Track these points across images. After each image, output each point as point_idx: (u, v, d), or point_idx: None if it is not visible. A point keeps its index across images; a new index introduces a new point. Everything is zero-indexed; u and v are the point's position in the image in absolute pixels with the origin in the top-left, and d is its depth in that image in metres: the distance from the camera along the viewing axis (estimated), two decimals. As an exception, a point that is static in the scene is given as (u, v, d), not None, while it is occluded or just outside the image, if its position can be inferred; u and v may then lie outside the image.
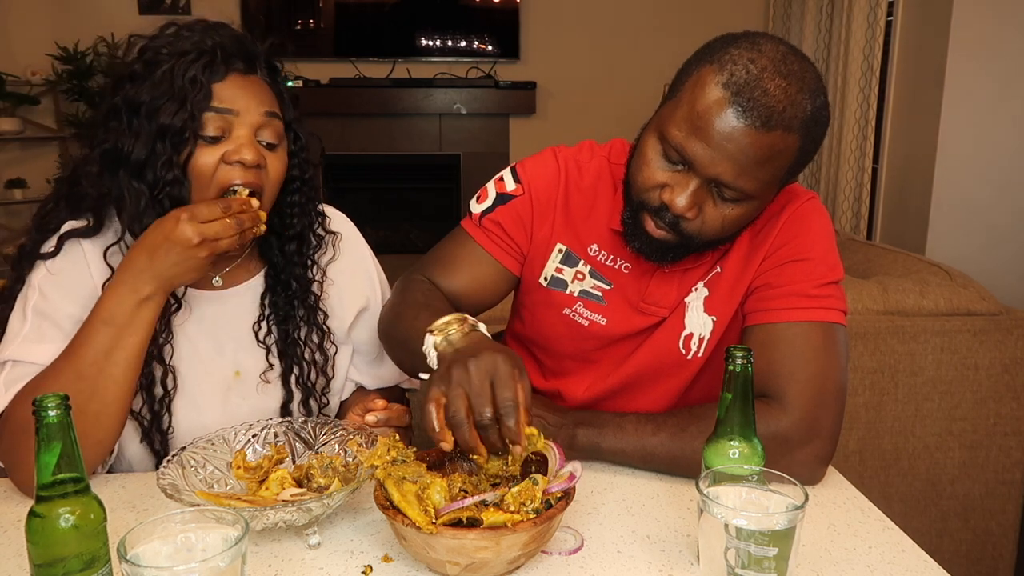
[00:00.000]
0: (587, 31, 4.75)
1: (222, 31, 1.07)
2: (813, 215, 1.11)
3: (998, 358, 1.86)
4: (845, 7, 3.72)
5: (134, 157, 1.02)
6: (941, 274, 1.93)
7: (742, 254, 1.11)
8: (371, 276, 1.28)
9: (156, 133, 1.02)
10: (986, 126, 3.20)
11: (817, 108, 0.96)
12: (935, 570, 0.86)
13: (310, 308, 1.18)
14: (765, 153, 0.94)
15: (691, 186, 0.97)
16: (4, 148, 4.59)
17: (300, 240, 1.17)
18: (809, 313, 1.04)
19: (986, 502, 1.95)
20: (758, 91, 0.92)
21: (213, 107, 1.02)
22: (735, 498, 0.79)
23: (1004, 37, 3.13)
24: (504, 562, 0.81)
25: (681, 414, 1.05)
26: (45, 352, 1.01)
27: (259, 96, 1.06)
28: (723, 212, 0.99)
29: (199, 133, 1.02)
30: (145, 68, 1.04)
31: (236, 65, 1.05)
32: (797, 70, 0.94)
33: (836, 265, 1.09)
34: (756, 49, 0.95)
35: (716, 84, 0.94)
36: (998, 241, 3.26)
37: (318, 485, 0.92)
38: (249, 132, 1.05)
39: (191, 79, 1.01)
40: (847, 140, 3.75)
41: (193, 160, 1.03)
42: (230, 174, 1.03)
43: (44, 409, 0.68)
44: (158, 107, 1.01)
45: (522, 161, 1.20)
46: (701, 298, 1.13)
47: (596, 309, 1.16)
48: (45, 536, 0.70)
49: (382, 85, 4.68)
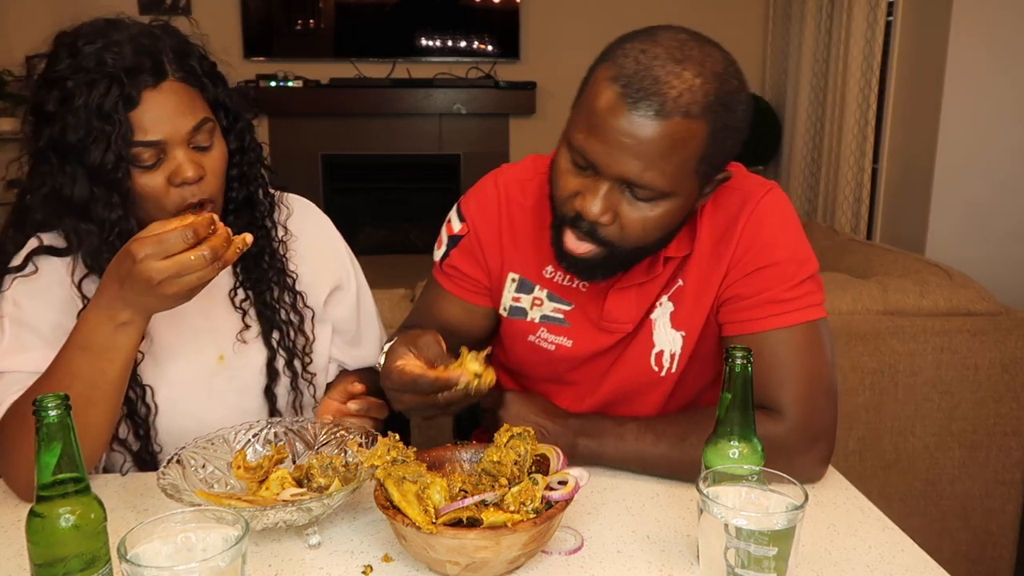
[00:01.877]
0: (587, 31, 4.75)
1: (119, 37, 1.02)
2: (773, 213, 1.06)
3: (998, 358, 1.86)
4: (845, 7, 3.72)
5: (76, 199, 1.02)
6: (941, 274, 1.93)
7: (703, 264, 1.07)
8: (341, 254, 1.29)
9: (90, 175, 1.00)
10: (986, 126, 3.20)
11: (725, 93, 0.91)
12: (935, 570, 0.86)
13: (278, 271, 1.18)
14: (666, 143, 0.89)
15: (601, 190, 0.94)
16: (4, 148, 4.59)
17: (251, 205, 1.17)
18: (786, 318, 1.02)
19: (986, 502, 1.95)
20: (648, 80, 0.88)
21: (139, 141, 1.00)
22: (735, 498, 0.79)
23: (1004, 37, 3.13)
24: (504, 562, 0.81)
25: (681, 422, 1.04)
26: (29, 360, 1.01)
27: (180, 107, 1.03)
28: (642, 214, 0.95)
29: (134, 164, 1.01)
30: (57, 105, 1.00)
31: (146, 82, 1.00)
32: (696, 55, 0.90)
33: (806, 259, 1.05)
34: (651, 40, 0.92)
35: (607, 80, 0.91)
36: (998, 241, 3.26)
37: (318, 485, 0.92)
38: (183, 148, 1.03)
39: (106, 117, 0.98)
40: (847, 140, 3.75)
41: (138, 187, 1.02)
42: (179, 195, 1.03)
43: (44, 409, 0.68)
44: (84, 148, 0.99)
45: (466, 195, 1.19)
46: (667, 313, 1.10)
47: (560, 332, 1.14)
48: (45, 536, 0.70)
49: (382, 85, 4.67)
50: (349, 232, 1.31)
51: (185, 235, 0.87)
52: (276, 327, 1.18)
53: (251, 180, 1.16)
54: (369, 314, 1.32)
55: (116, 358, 0.95)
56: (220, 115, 1.11)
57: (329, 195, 4.68)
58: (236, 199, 1.14)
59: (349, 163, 4.83)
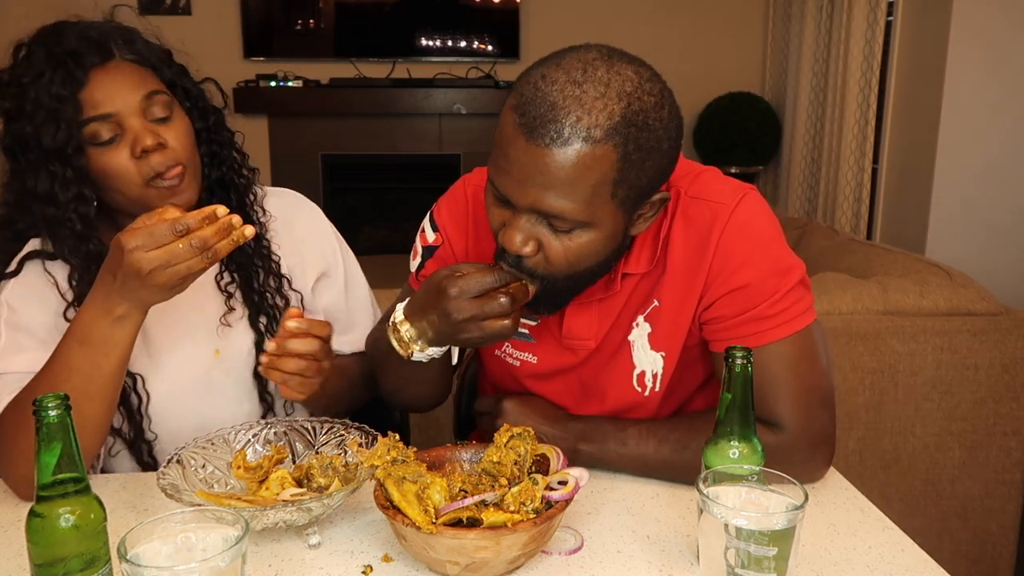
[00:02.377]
0: (587, 32, 4.74)
1: (67, 32, 1.06)
2: (746, 226, 1.00)
3: (998, 358, 1.86)
4: (845, 7, 3.72)
5: (40, 190, 1.03)
6: (941, 274, 1.93)
7: (678, 284, 1.03)
8: (327, 239, 1.29)
9: (46, 159, 1.02)
10: (986, 126, 3.20)
11: (634, 112, 0.85)
12: (935, 570, 0.86)
13: (263, 255, 1.19)
14: (570, 172, 0.85)
15: (519, 222, 0.91)
16: (4, 148, 4.59)
17: (226, 186, 1.17)
18: (775, 332, 0.99)
19: (986, 502, 1.95)
20: (544, 107, 0.84)
21: (89, 117, 1.02)
22: (735, 498, 0.79)
23: (1004, 37, 3.14)
24: (504, 562, 0.81)
25: (683, 427, 1.03)
26: (25, 360, 1.02)
27: (128, 82, 1.05)
28: (564, 244, 0.91)
29: (91, 142, 1.03)
30: (15, 101, 1.03)
31: (93, 60, 1.03)
32: (602, 75, 0.85)
33: (788, 268, 1.00)
34: (555, 64, 0.87)
35: (509, 109, 0.88)
36: (998, 241, 3.27)
37: (318, 485, 0.92)
38: (138, 120, 1.04)
39: (56, 96, 1.00)
40: (847, 140, 3.76)
41: (101, 166, 1.04)
42: (147, 164, 1.04)
43: (44, 409, 0.68)
44: (39, 134, 1.01)
45: (438, 203, 1.17)
46: (645, 335, 1.07)
47: (525, 348, 1.12)
48: (45, 536, 0.70)
49: (382, 85, 4.67)
50: (349, 232, 1.31)
51: (175, 226, 0.88)
52: (263, 311, 1.18)
53: (223, 160, 1.17)
54: (360, 300, 1.31)
55: (113, 352, 0.96)
56: (179, 94, 1.12)
57: (329, 195, 4.68)
58: (209, 177, 1.15)
59: (349, 163, 4.83)
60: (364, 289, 1.33)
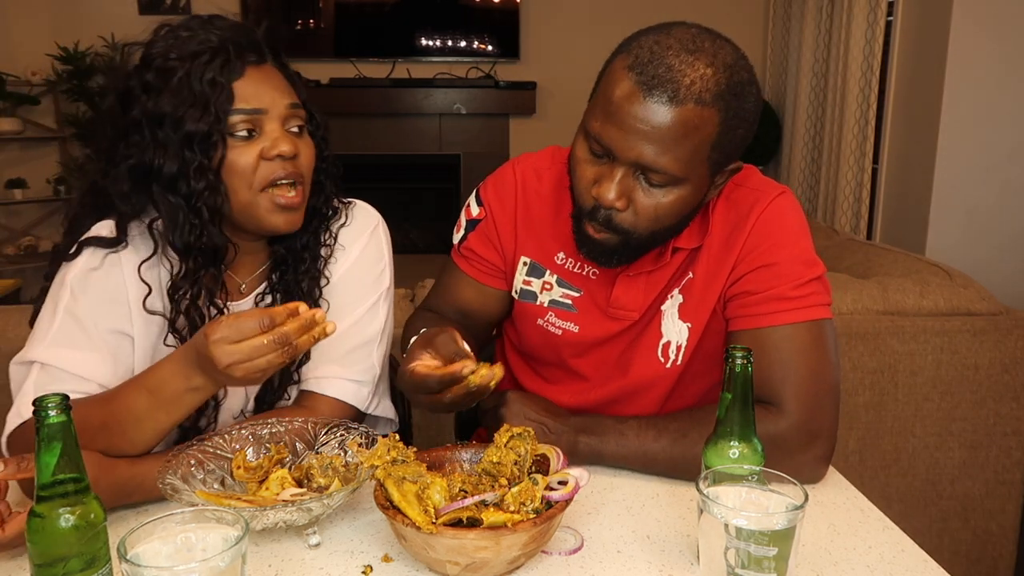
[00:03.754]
0: (587, 31, 4.75)
1: (220, 24, 1.05)
2: (783, 214, 1.09)
3: (998, 358, 1.86)
4: (845, 7, 3.72)
5: (166, 171, 1.00)
6: (941, 274, 1.93)
7: (713, 259, 1.10)
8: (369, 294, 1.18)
9: (184, 142, 1.00)
10: (986, 126, 3.20)
11: (736, 83, 0.95)
12: (935, 570, 0.86)
13: (313, 279, 1.15)
14: (679, 129, 0.93)
15: (617, 175, 0.97)
16: (4, 148, 4.59)
17: (312, 213, 1.15)
18: (793, 315, 1.04)
19: (986, 502, 1.95)
20: (662, 67, 0.92)
21: (239, 109, 1.01)
22: (735, 498, 0.79)
23: (1004, 37, 3.14)
24: (504, 562, 0.81)
25: (682, 418, 1.05)
26: (73, 360, 1.00)
27: (279, 87, 1.05)
28: (655, 200, 0.98)
29: (230, 133, 1.01)
30: (158, 77, 1.01)
31: (250, 58, 1.03)
32: (708, 47, 0.94)
33: (813, 261, 1.07)
34: (665, 32, 0.96)
35: (623, 69, 0.95)
36: (998, 241, 3.26)
37: (318, 485, 0.92)
38: (279, 125, 1.04)
39: (210, 81, 0.99)
40: (847, 140, 3.76)
41: (229, 162, 1.02)
42: (271, 169, 1.03)
43: (44, 410, 0.68)
44: (182, 115, 0.99)
45: (485, 181, 1.24)
46: (676, 305, 1.12)
47: (568, 318, 1.17)
48: (45, 536, 0.70)
49: (382, 85, 4.68)
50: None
51: (262, 321, 0.86)
52: None
53: (323, 190, 1.16)
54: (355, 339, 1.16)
55: (176, 412, 0.95)
56: (307, 116, 1.11)
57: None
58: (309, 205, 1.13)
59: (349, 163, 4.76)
60: (370, 330, 1.17)
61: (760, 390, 1.01)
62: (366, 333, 1.16)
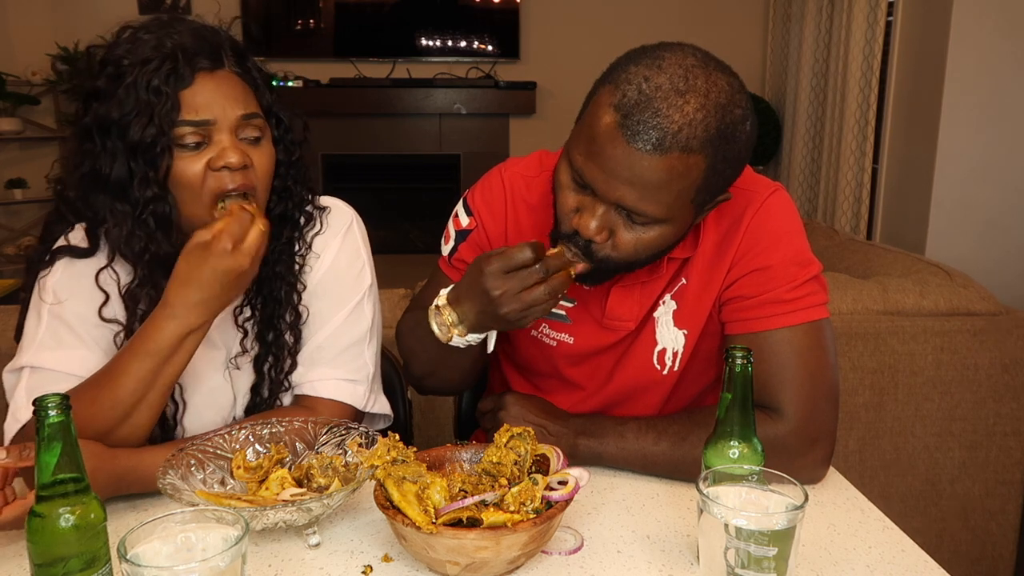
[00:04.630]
0: (587, 31, 4.75)
1: (180, 27, 1.02)
2: (775, 216, 1.06)
3: (998, 358, 1.86)
4: (845, 7, 3.72)
5: (113, 178, 1.00)
6: (941, 274, 1.93)
7: (706, 264, 1.08)
8: (349, 297, 1.17)
9: (129, 151, 0.98)
10: (986, 126, 3.20)
11: (727, 125, 0.90)
12: (935, 570, 0.86)
13: (290, 285, 1.13)
14: (663, 176, 0.89)
15: (598, 211, 0.94)
16: (4, 148, 4.59)
17: (284, 220, 1.13)
18: (789, 317, 1.03)
19: (986, 502, 1.95)
20: (648, 113, 0.87)
21: (185, 120, 0.98)
22: (735, 498, 0.79)
23: (1004, 37, 3.14)
24: (504, 562, 0.81)
25: (682, 420, 1.05)
26: (63, 359, 1.00)
27: (232, 94, 1.01)
28: (636, 235, 0.96)
29: (177, 144, 0.99)
30: (109, 83, 0.99)
31: (201, 64, 0.99)
32: (701, 85, 0.88)
33: (808, 261, 1.06)
34: (656, 66, 0.89)
35: (609, 106, 0.90)
36: (998, 241, 3.27)
37: (318, 485, 0.92)
38: (230, 135, 1.01)
39: (155, 90, 0.96)
40: (847, 140, 3.76)
41: (177, 172, 1.00)
42: (219, 180, 1.00)
43: (44, 410, 0.68)
44: (127, 124, 0.97)
45: (472, 189, 1.20)
46: (670, 312, 1.10)
47: (562, 329, 1.15)
48: (45, 536, 0.70)
49: (382, 85, 4.68)
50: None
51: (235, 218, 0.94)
52: (272, 352, 1.13)
53: (291, 195, 1.13)
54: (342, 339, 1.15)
55: (179, 361, 0.97)
56: (272, 123, 1.09)
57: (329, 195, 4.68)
58: (272, 211, 1.11)
59: (349, 163, 4.83)
60: (357, 330, 1.16)
61: (758, 395, 1.00)
62: (354, 333, 1.15)
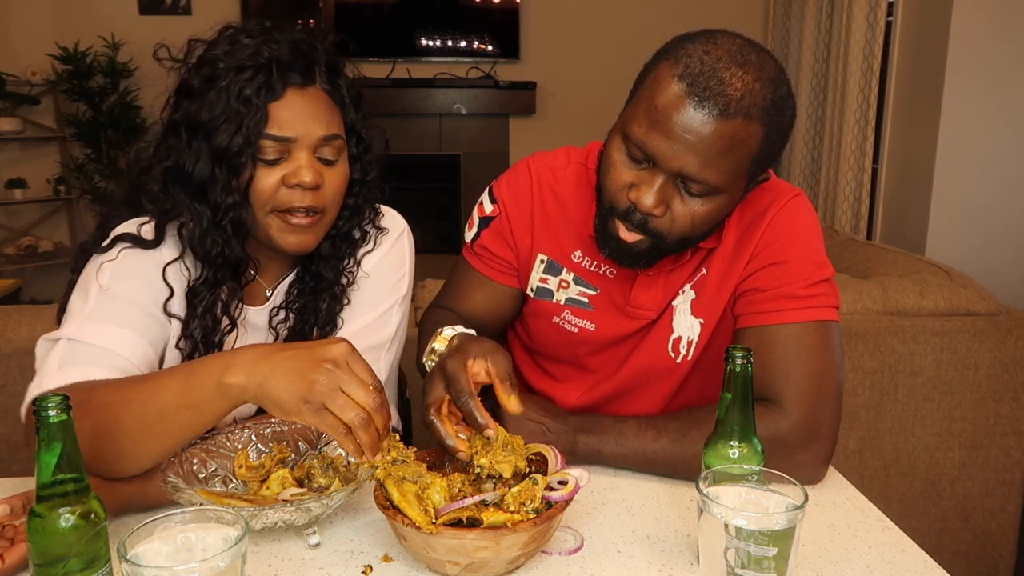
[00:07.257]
0: (587, 31, 4.75)
1: (280, 36, 1.03)
2: (798, 215, 1.10)
3: (998, 358, 1.86)
4: (845, 7, 3.72)
5: (195, 177, 1.00)
6: (941, 274, 1.93)
7: (727, 255, 1.10)
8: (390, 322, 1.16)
9: (214, 155, 0.99)
10: (986, 126, 3.20)
11: (779, 98, 0.95)
12: (935, 570, 0.86)
13: (334, 298, 1.13)
14: (726, 143, 0.93)
15: (657, 183, 0.97)
16: (4, 148, 4.59)
17: (344, 238, 1.13)
18: (800, 313, 1.04)
19: (986, 502, 1.95)
20: (714, 80, 0.91)
21: (270, 134, 0.99)
22: (735, 498, 0.79)
23: (1004, 37, 3.13)
24: (504, 562, 0.81)
25: (681, 418, 1.05)
26: (105, 334, 0.97)
27: (317, 113, 1.03)
28: (692, 208, 0.98)
29: (257, 156, 1.00)
30: (203, 83, 1.00)
31: (293, 79, 1.01)
32: (755, 60, 0.94)
33: (824, 263, 1.09)
34: (712, 42, 0.95)
35: (672, 77, 0.94)
36: (998, 241, 3.26)
37: (318, 485, 0.92)
38: (308, 153, 1.02)
39: (246, 100, 0.98)
40: (847, 140, 3.75)
41: (254, 182, 1.01)
42: (289, 196, 1.02)
43: (44, 409, 0.68)
44: (215, 128, 0.98)
45: (499, 179, 1.24)
46: (688, 301, 1.13)
47: (584, 316, 1.18)
48: (45, 536, 0.70)
49: (382, 85, 4.67)
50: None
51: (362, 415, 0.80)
52: None
53: (358, 215, 1.14)
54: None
55: (198, 416, 0.86)
56: (352, 142, 1.10)
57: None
58: (339, 229, 1.12)
59: (349, 163, 4.82)
60: (379, 336, 1.14)
61: (762, 387, 1.01)
62: (375, 338, 1.14)
